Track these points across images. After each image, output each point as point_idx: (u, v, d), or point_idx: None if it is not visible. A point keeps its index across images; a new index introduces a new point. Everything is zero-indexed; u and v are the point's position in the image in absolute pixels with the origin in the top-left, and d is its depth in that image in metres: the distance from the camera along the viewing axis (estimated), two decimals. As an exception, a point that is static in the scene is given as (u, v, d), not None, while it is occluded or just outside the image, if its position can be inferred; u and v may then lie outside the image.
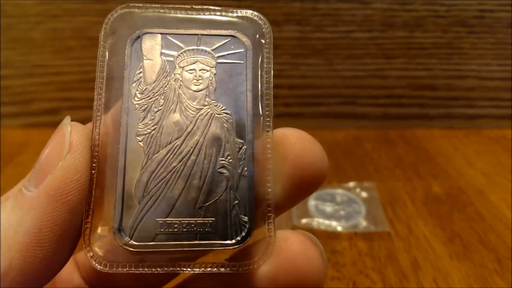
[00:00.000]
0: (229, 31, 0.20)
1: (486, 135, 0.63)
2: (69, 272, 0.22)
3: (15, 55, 0.61)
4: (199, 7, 0.20)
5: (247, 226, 0.18)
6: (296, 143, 0.18)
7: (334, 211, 0.44)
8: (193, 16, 0.19)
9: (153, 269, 0.17)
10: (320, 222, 0.42)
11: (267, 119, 0.19)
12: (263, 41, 0.20)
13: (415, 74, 0.64)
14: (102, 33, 0.19)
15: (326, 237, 0.41)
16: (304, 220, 0.42)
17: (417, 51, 0.64)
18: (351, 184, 0.48)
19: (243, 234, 0.18)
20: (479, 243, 0.40)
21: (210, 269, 0.17)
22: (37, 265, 0.16)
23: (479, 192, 0.48)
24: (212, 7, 0.20)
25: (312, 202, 0.45)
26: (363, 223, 0.42)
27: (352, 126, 0.64)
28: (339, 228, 0.42)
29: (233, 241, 0.18)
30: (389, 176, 0.51)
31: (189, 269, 0.17)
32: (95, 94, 0.18)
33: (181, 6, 0.19)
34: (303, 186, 0.18)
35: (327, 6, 0.62)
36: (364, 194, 0.47)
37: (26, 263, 0.15)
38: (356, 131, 0.63)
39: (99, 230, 0.17)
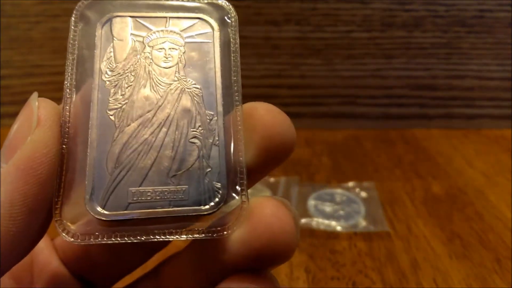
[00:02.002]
0: (197, 14, 0.20)
1: (485, 135, 0.63)
2: (47, 255, 0.22)
3: (15, 55, 0.61)
4: None
5: (221, 192, 0.18)
6: (265, 115, 0.19)
7: (334, 211, 0.44)
8: (161, 2, 0.20)
9: (126, 239, 0.17)
10: (319, 222, 0.42)
11: (236, 94, 0.19)
12: (229, 23, 0.21)
13: (414, 74, 0.64)
14: (73, 19, 0.19)
15: (325, 237, 0.41)
16: (303, 220, 0.42)
17: (416, 51, 0.64)
18: (351, 184, 0.48)
19: (217, 199, 0.18)
20: (478, 243, 0.40)
21: (184, 236, 0.17)
22: (10, 239, 0.16)
23: (479, 192, 0.48)
24: None
25: (311, 202, 0.45)
26: (362, 223, 0.42)
27: (351, 126, 0.64)
28: (339, 228, 0.42)
29: (207, 206, 0.18)
30: (389, 176, 0.51)
31: (162, 237, 0.17)
32: (65, 73, 0.19)
33: None
34: (273, 156, 0.19)
35: (327, 6, 0.62)
36: (363, 194, 0.47)
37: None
38: (356, 131, 0.64)
39: (70, 202, 0.17)
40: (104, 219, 0.17)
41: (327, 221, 0.42)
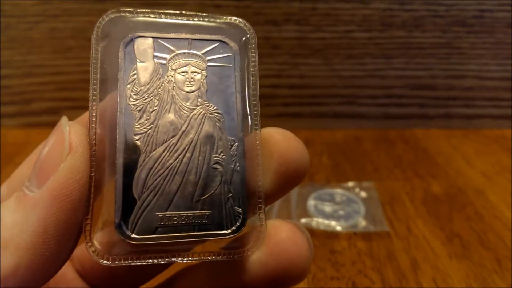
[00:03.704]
0: (218, 36, 0.21)
1: (485, 135, 0.63)
2: (63, 267, 0.23)
3: (15, 54, 0.61)
4: (188, 12, 0.21)
5: (241, 216, 0.19)
6: (281, 141, 0.20)
7: (333, 211, 0.44)
8: (182, 21, 0.21)
9: (154, 260, 0.18)
10: (319, 222, 0.42)
11: (255, 118, 0.20)
12: (249, 46, 0.21)
13: (414, 74, 0.64)
14: (94, 36, 0.20)
15: (325, 237, 0.41)
16: (303, 220, 0.42)
17: (416, 51, 0.64)
18: (350, 183, 0.48)
19: (238, 224, 0.19)
20: (478, 243, 0.40)
21: (208, 257, 0.19)
22: (44, 262, 0.16)
23: (478, 192, 0.48)
24: (200, 14, 0.21)
25: (311, 202, 0.45)
26: (362, 223, 0.42)
27: (351, 126, 0.65)
28: (338, 228, 0.42)
29: (229, 230, 0.19)
30: (388, 176, 0.51)
31: (188, 259, 0.18)
32: (89, 95, 0.19)
33: (171, 11, 0.21)
34: (288, 180, 0.20)
35: (327, 6, 0.62)
36: (363, 194, 0.47)
37: (34, 261, 0.16)
38: (356, 130, 0.64)
39: (99, 225, 0.18)
40: (134, 243, 0.18)
41: (327, 221, 0.42)
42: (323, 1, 0.62)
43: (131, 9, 0.20)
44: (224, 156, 0.19)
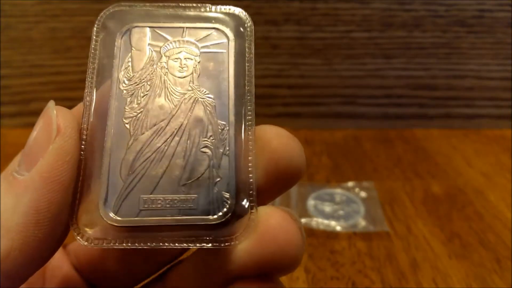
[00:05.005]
0: (213, 24, 0.21)
1: (485, 135, 0.63)
2: (59, 259, 0.23)
3: (14, 55, 0.61)
4: (185, 4, 0.21)
5: (229, 202, 0.18)
6: (273, 138, 0.19)
7: (333, 210, 0.44)
8: (179, 12, 0.21)
9: (137, 245, 0.17)
10: (319, 222, 0.42)
11: (249, 104, 0.20)
12: (244, 33, 0.21)
13: (414, 74, 0.64)
14: (95, 29, 0.20)
15: (325, 236, 0.41)
16: (303, 220, 0.42)
17: (416, 51, 0.64)
18: (350, 183, 0.48)
19: (225, 210, 0.18)
20: (478, 243, 0.40)
21: (192, 244, 0.18)
22: (37, 244, 0.16)
23: (478, 192, 0.48)
24: (196, 4, 0.21)
25: (311, 201, 0.45)
26: (362, 223, 0.42)
27: (351, 126, 0.64)
28: (338, 228, 0.42)
29: (215, 216, 0.18)
30: (388, 176, 0.51)
31: (171, 245, 0.18)
32: (86, 81, 0.19)
33: (169, 4, 0.21)
34: (279, 179, 0.19)
35: (326, 6, 0.62)
36: (363, 194, 0.47)
37: (27, 243, 0.16)
38: (355, 130, 0.64)
39: (85, 208, 0.18)
40: (116, 225, 0.17)
41: (327, 221, 0.42)
42: (323, 1, 0.62)
43: (130, 3, 0.21)
44: (213, 140, 0.19)
